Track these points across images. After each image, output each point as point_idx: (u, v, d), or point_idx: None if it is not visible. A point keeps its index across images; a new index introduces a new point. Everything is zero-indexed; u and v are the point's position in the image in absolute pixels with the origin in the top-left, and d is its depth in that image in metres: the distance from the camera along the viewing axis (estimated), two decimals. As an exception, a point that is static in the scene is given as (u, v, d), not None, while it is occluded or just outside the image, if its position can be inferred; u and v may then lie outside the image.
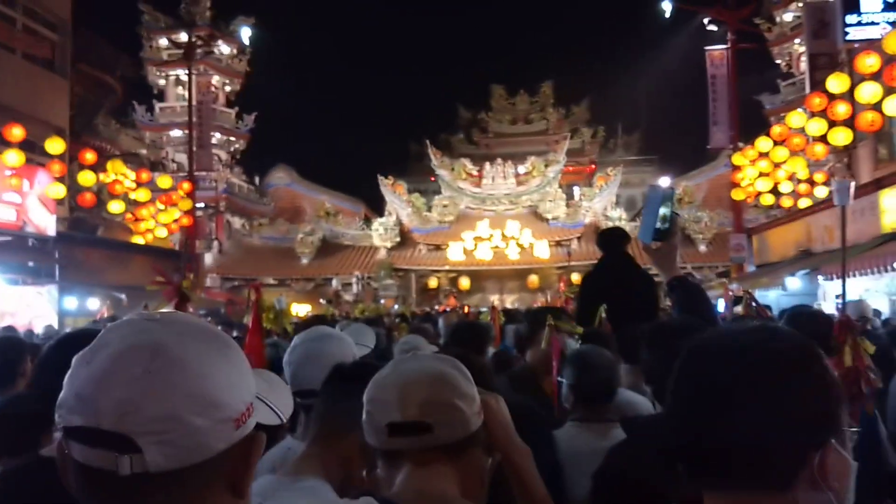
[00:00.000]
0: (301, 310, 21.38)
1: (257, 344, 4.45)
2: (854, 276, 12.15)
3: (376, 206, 37.19)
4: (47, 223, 16.57)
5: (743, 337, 0.95)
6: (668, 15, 23.65)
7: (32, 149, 16.59)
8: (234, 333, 7.10)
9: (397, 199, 33.97)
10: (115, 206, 20.94)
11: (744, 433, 0.89)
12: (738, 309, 8.24)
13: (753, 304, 7.03)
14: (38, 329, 12.27)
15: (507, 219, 33.00)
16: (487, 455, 1.46)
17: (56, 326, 13.17)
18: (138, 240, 22.76)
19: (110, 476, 0.83)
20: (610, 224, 24.60)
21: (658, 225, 2.38)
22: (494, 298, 30.67)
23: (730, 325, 0.99)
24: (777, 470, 0.90)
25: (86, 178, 19.13)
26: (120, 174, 20.81)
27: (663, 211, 2.37)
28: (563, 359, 3.12)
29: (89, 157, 19.26)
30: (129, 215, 22.60)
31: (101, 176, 20.40)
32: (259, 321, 5.60)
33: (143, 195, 22.22)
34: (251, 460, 0.93)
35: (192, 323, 0.94)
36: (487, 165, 35.38)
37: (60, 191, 17.03)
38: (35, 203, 16.27)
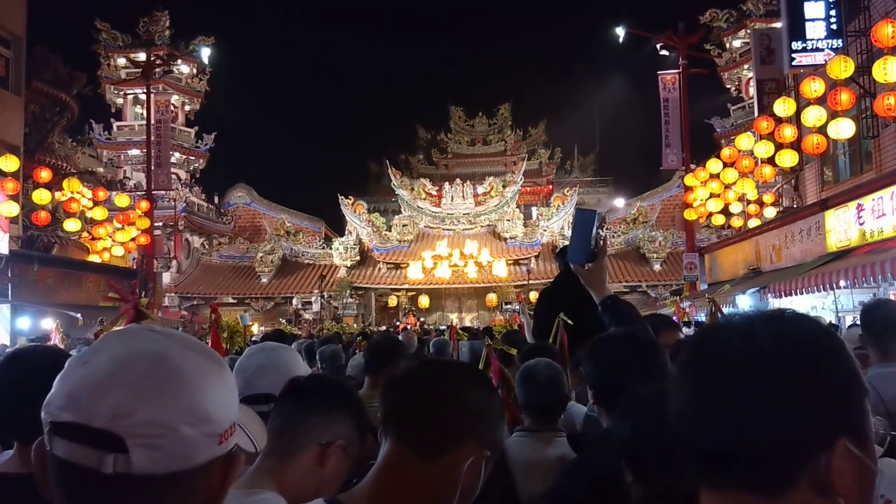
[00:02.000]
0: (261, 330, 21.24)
1: None
2: (801, 293, 12.53)
3: (336, 225, 37.17)
4: (0, 241, 16.30)
5: (752, 326, 0.86)
6: (621, 40, 24.21)
7: (-15, 166, 16.39)
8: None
9: (357, 218, 34.01)
10: (71, 225, 20.67)
11: (733, 428, 0.81)
12: (703, 318, 8.47)
13: (719, 314, 7.28)
14: (-9, 348, 12.05)
15: (465, 238, 33.24)
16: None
17: (8, 346, 12.95)
18: (95, 258, 22.46)
19: (91, 475, 0.83)
20: (567, 243, 24.88)
21: (591, 247, 2.45)
22: (454, 317, 30.85)
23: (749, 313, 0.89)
24: (771, 471, 0.80)
25: (40, 196, 18.89)
26: (76, 192, 20.59)
27: (595, 232, 2.45)
28: (503, 376, 3.27)
29: (44, 174, 19.03)
30: (85, 234, 22.33)
31: (57, 194, 20.14)
32: (219, 340, 5.66)
33: (99, 213, 22.00)
34: (229, 478, 0.94)
35: (192, 338, 0.97)
36: (447, 185, 35.66)
37: (14, 209, 16.80)
38: (-12, 221, 16.01)
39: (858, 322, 3.82)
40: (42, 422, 0.88)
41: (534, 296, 20.53)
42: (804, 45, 14.78)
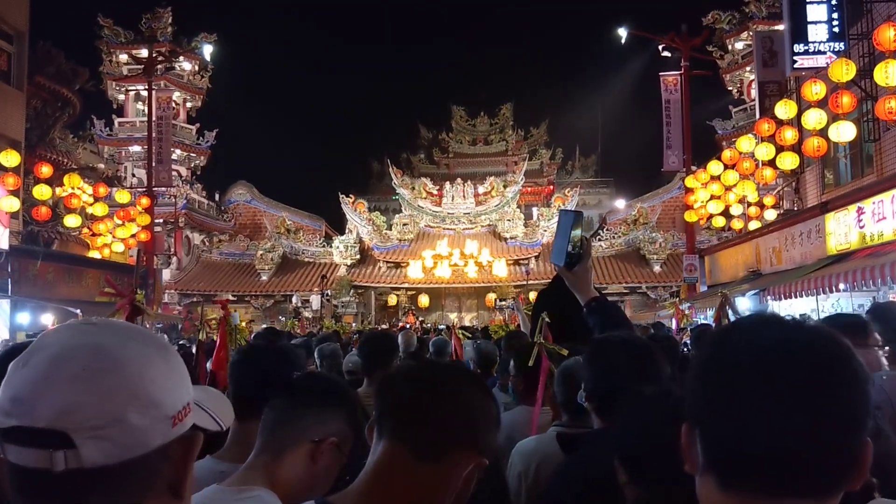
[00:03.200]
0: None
1: (224, 359, 4.39)
2: (801, 296, 12.53)
3: (337, 223, 37.19)
4: (0, 236, 16.31)
5: (810, 334, 0.86)
6: (623, 41, 24.21)
7: (-14, 161, 16.40)
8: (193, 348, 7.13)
9: (358, 216, 34.02)
10: (72, 221, 20.67)
11: (819, 434, 0.82)
12: (711, 315, 8.47)
13: (729, 310, 7.23)
14: (-9, 343, 12.07)
15: (466, 238, 33.24)
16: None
17: (7, 339, 12.97)
18: (95, 254, 22.46)
19: (46, 476, 0.82)
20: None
21: (570, 249, 2.43)
22: (453, 316, 30.86)
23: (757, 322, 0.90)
24: (836, 476, 0.83)
25: (41, 191, 18.88)
26: (77, 188, 20.57)
27: (575, 234, 2.42)
28: (552, 375, 3.27)
29: (45, 170, 19.02)
30: (85, 230, 22.32)
31: (58, 190, 20.14)
32: (226, 337, 5.62)
33: (100, 210, 21.98)
34: (189, 459, 0.93)
35: (130, 326, 0.97)
36: (447, 185, 35.67)
37: (14, 204, 16.79)
38: (-12, 216, 16.01)
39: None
40: None
41: (533, 296, 20.52)
42: (806, 47, 14.77)
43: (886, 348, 3.45)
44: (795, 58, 14.88)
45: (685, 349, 7.17)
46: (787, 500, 0.83)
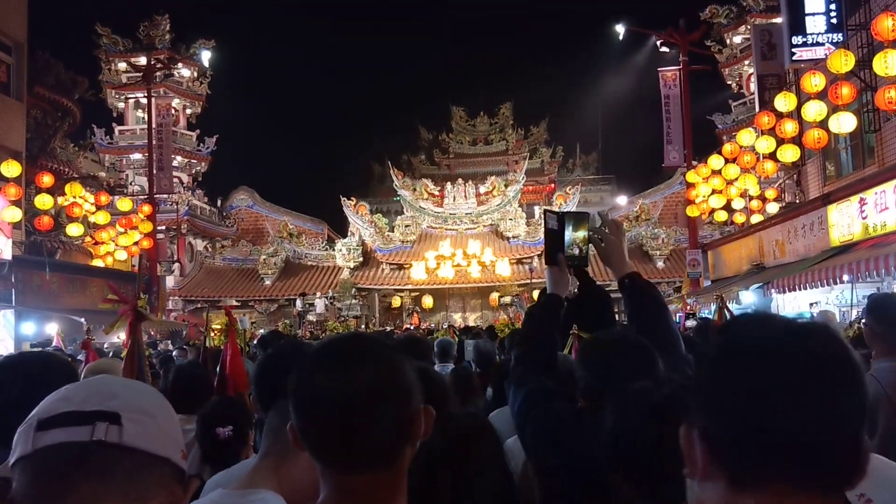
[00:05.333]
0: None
1: (238, 365, 4.38)
2: (804, 289, 12.50)
3: (339, 226, 37.21)
4: (3, 247, 16.30)
5: (819, 330, 0.89)
6: (621, 38, 24.20)
7: (-13, 172, 16.43)
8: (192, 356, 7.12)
9: (360, 219, 34.02)
10: (74, 230, 20.70)
11: (844, 425, 0.84)
12: (712, 314, 8.52)
13: (726, 310, 7.33)
14: (-4, 354, 12.08)
15: (468, 238, 33.23)
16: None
17: (12, 352, 12.98)
18: (98, 263, 22.49)
19: (74, 456, 0.90)
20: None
21: (576, 252, 2.37)
22: (457, 316, 30.85)
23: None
24: (850, 466, 0.85)
25: (43, 201, 18.92)
26: (78, 197, 20.61)
27: (577, 235, 2.36)
28: None
29: (46, 180, 19.05)
30: (88, 238, 22.36)
31: (60, 199, 20.17)
32: (236, 343, 5.59)
33: (102, 218, 22.02)
34: (183, 498, 1.03)
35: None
36: (449, 185, 35.65)
37: (16, 214, 16.81)
38: (-10, 227, 16.03)
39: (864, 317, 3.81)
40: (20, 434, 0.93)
41: (537, 294, 20.51)
42: (804, 39, 14.76)
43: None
44: (794, 50, 14.87)
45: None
46: (802, 493, 0.84)
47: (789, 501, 0.84)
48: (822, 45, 14.56)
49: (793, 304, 15.65)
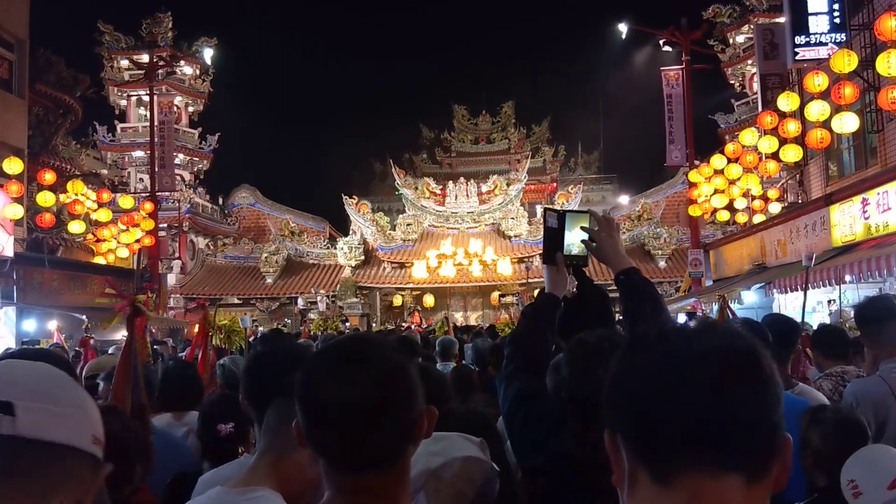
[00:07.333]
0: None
1: (202, 357, 4.34)
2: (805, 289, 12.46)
3: (341, 224, 37.19)
4: (5, 244, 16.32)
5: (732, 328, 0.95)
6: (624, 36, 24.18)
7: (-10, 169, 16.44)
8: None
9: (361, 217, 34.00)
10: (76, 227, 20.72)
11: (753, 411, 0.87)
12: (714, 313, 8.59)
13: (728, 310, 7.36)
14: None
15: (470, 236, 33.20)
16: None
17: (14, 349, 12.97)
18: (99, 260, 22.51)
19: None
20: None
21: (575, 251, 2.32)
22: (458, 315, 30.86)
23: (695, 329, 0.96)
24: (764, 453, 0.88)
25: (45, 198, 18.94)
26: (80, 194, 20.64)
27: (580, 234, 2.31)
28: None
29: (48, 177, 19.08)
30: (89, 236, 22.39)
31: (61, 196, 20.19)
32: (204, 337, 5.57)
33: (104, 215, 22.05)
34: (94, 486, 0.96)
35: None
36: (450, 184, 35.60)
37: (18, 211, 16.82)
38: (-8, 224, 16.05)
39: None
40: None
41: (537, 293, 20.51)
42: (807, 39, 14.76)
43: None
44: (797, 50, 14.87)
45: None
46: (721, 478, 0.85)
47: (712, 487, 0.85)
48: (825, 44, 14.55)
49: (794, 303, 15.63)
